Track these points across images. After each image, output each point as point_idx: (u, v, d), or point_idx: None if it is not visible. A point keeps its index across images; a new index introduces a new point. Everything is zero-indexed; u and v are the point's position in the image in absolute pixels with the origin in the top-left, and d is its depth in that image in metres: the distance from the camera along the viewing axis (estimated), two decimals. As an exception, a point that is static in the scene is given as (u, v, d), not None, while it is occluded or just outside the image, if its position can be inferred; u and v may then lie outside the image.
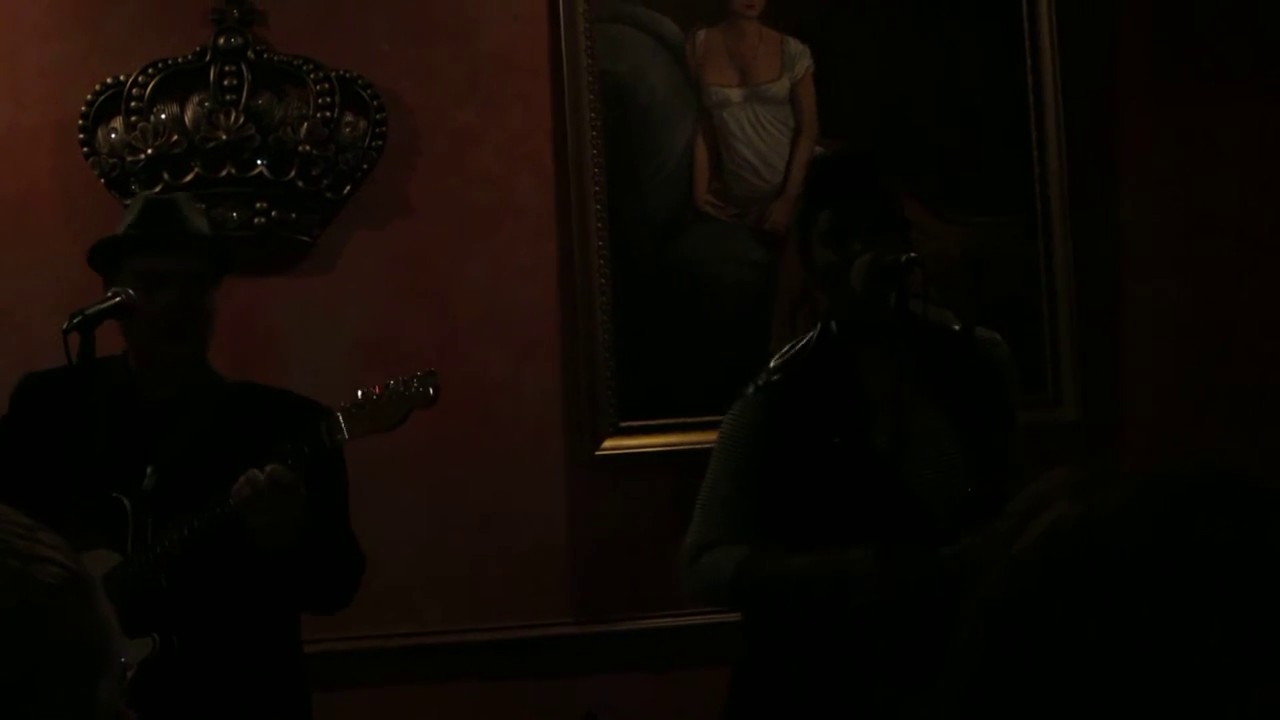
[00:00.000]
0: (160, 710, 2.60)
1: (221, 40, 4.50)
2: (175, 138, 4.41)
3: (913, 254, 2.98)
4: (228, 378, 3.50)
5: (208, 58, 4.51)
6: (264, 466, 3.06)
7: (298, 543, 3.12)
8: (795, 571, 3.14)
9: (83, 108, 4.47)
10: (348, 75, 4.54)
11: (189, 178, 4.40)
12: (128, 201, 4.05)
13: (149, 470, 3.26)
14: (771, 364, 3.31)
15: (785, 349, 3.33)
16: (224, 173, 4.41)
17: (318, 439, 3.15)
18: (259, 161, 4.42)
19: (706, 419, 4.48)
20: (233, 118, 4.43)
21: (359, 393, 3.19)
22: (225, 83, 4.48)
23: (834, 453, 3.13)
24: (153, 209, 3.39)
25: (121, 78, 4.48)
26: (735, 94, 4.66)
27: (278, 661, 3.40)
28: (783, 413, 3.20)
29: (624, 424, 4.57)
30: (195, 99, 4.48)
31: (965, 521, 3.08)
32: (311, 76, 4.52)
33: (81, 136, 4.46)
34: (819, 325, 3.31)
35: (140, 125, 4.43)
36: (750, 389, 3.29)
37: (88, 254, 3.40)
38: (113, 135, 4.45)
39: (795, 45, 4.68)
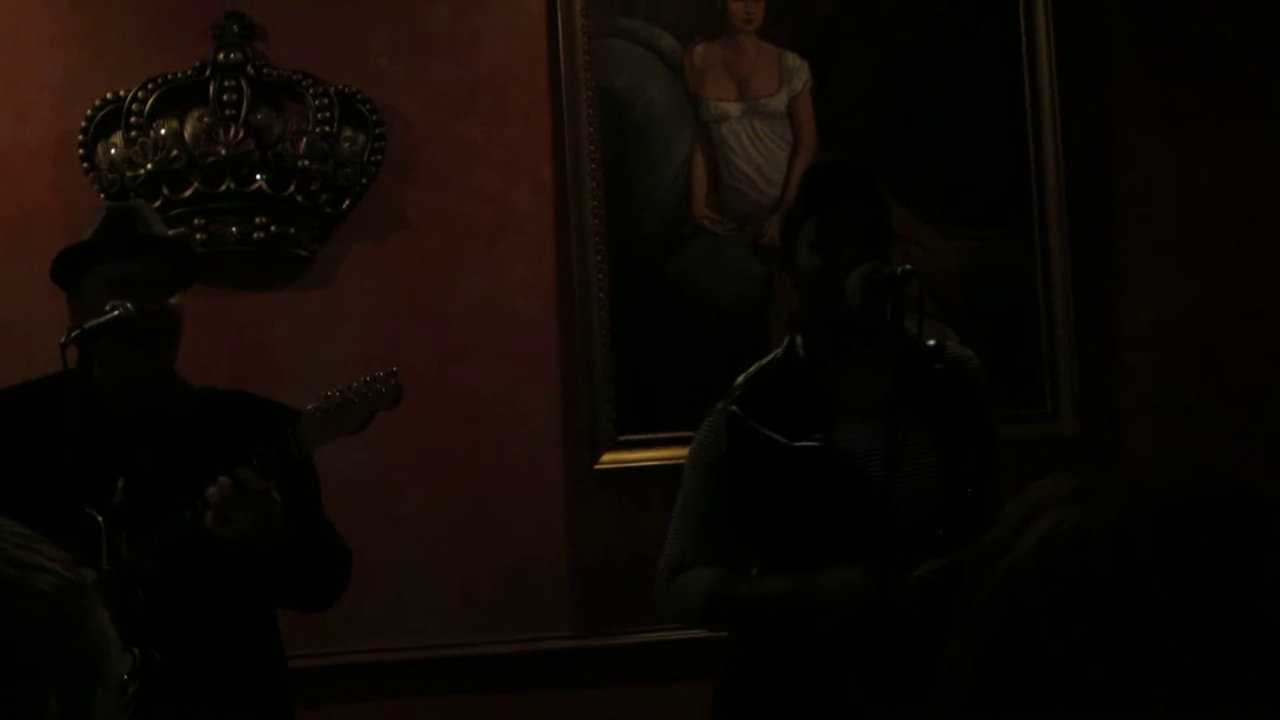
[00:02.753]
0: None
1: (221, 56, 4.51)
2: (175, 153, 4.42)
3: (909, 266, 2.98)
4: (193, 384, 3.43)
5: (207, 73, 4.51)
6: (232, 472, 3.01)
7: (277, 546, 3.09)
8: (767, 595, 3.14)
9: (83, 123, 4.48)
10: (347, 90, 4.55)
11: (188, 193, 4.41)
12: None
13: (120, 483, 3.19)
14: (738, 380, 3.29)
15: (753, 366, 3.32)
16: (223, 188, 4.42)
17: (285, 447, 3.09)
18: (258, 176, 4.42)
19: (705, 433, 4.49)
20: (232, 133, 4.43)
21: (324, 394, 3.14)
22: (225, 98, 4.49)
23: (798, 459, 3.12)
24: (115, 216, 3.32)
25: (121, 93, 4.49)
26: (733, 108, 4.66)
27: (261, 672, 3.37)
28: (749, 426, 3.19)
29: (622, 438, 4.57)
30: (195, 114, 4.49)
31: (940, 527, 3.08)
32: (310, 92, 4.52)
33: (81, 152, 4.47)
34: (787, 339, 3.30)
35: (140, 140, 4.43)
36: (718, 405, 3.28)
37: (52, 266, 3.33)
38: (113, 150, 4.46)
39: (793, 60, 4.69)
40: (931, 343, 3.20)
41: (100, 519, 3.14)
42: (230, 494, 3.01)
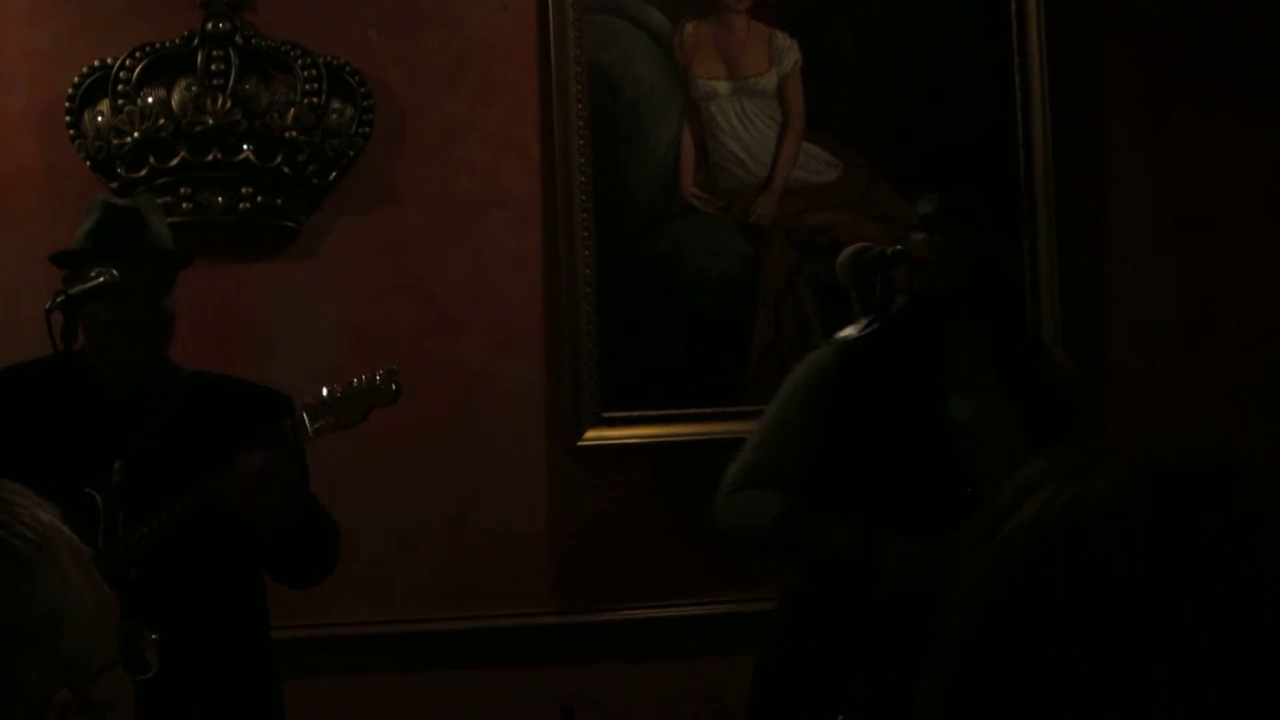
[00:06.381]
0: (140, 696, 2.70)
1: (209, 25, 4.49)
2: (162, 122, 4.40)
3: (899, 246, 2.99)
4: (185, 367, 3.51)
5: (195, 42, 4.49)
6: (249, 452, 3.10)
7: (294, 520, 3.20)
8: (836, 540, 3.14)
9: (69, 90, 4.45)
10: (335, 62, 4.53)
11: (175, 162, 4.39)
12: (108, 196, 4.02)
13: (117, 464, 3.26)
14: (853, 325, 3.30)
15: (870, 316, 3.31)
16: (210, 157, 4.40)
17: (282, 436, 3.21)
18: (245, 147, 4.41)
19: (688, 411, 4.49)
20: (219, 102, 4.41)
21: (323, 390, 3.24)
22: (213, 67, 4.47)
23: (903, 420, 3.14)
24: (112, 218, 3.37)
25: (109, 61, 4.47)
26: (723, 87, 4.66)
27: (249, 653, 3.44)
28: (854, 373, 3.20)
29: (606, 415, 4.56)
30: (182, 83, 4.47)
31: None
32: (299, 63, 4.51)
33: (68, 119, 4.45)
34: (910, 295, 3.31)
35: (127, 109, 4.41)
36: (826, 345, 3.30)
37: (50, 258, 3.39)
38: (99, 119, 4.44)
39: (783, 39, 4.68)
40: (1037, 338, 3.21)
41: (98, 498, 3.22)
42: (249, 474, 3.10)
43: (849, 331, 3.28)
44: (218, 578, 3.34)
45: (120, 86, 4.44)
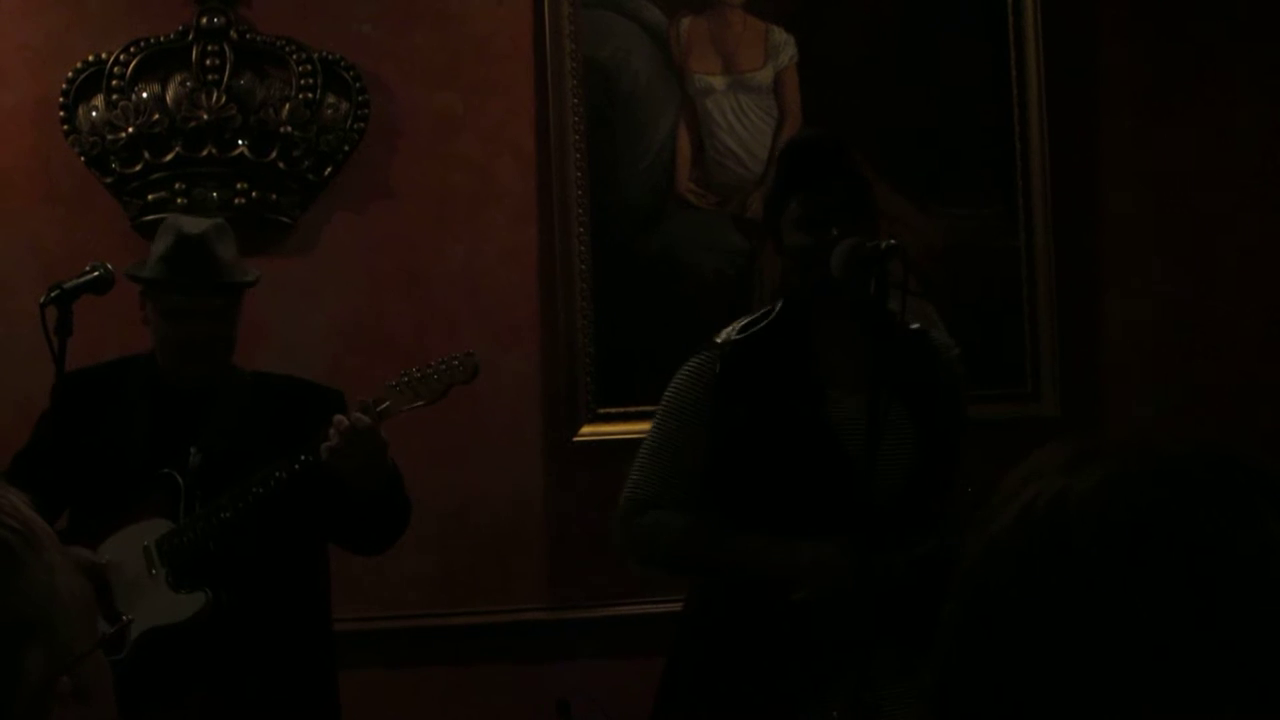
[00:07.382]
0: (212, 659, 3.38)
1: (204, 20, 4.49)
2: (156, 117, 4.40)
3: (893, 241, 2.97)
4: (243, 369, 3.66)
5: (190, 37, 4.49)
6: (349, 414, 3.30)
7: (385, 479, 3.41)
8: (742, 553, 3.12)
9: (64, 86, 4.45)
10: (330, 57, 4.53)
11: (169, 157, 4.39)
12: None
13: (193, 450, 3.47)
14: (730, 328, 3.26)
15: (746, 319, 3.28)
16: (205, 153, 4.40)
17: (365, 412, 3.33)
18: (240, 142, 4.40)
19: (685, 407, 4.48)
20: (214, 98, 4.41)
21: (401, 372, 3.41)
22: (207, 62, 4.47)
23: (786, 419, 3.11)
24: (184, 248, 3.47)
25: (103, 56, 4.46)
26: (719, 82, 4.65)
27: (310, 632, 3.63)
28: (737, 375, 3.17)
29: (601, 411, 4.57)
30: (177, 78, 4.47)
31: (910, 506, 3.09)
32: (294, 58, 4.50)
33: (62, 114, 4.45)
34: (782, 300, 3.28)
35: (121, 104, 4.41)
36: (705, 350, 3.25)
37: (125, 273, 3.49)
38: (93, 114, 4.44)
39: (780, 34, 4.68)
40: (915, 326, 3.19)
41: (179, 478, 3.46)
42: (347, 432, 3.27)
43: (727, 334, 3.25)
44: (289, 555, 3.53)
45: (115, 81, 4.44)
